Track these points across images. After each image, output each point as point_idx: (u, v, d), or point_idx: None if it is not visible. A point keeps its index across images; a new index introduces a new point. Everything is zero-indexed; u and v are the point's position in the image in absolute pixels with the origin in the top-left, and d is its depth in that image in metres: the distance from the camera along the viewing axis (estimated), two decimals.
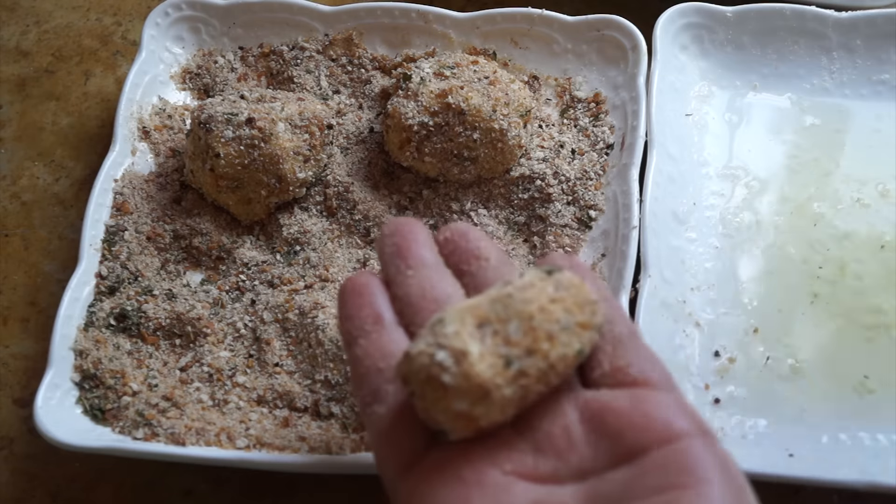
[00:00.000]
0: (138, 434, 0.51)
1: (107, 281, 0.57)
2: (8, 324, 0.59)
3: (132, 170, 0.61)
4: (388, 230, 0.41)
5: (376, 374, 0.37)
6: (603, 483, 0.32)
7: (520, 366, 0.33)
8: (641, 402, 0.33)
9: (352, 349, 0.38)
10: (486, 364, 0.33)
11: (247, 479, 0.53)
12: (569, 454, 0.33)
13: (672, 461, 0.31)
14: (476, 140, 0.57)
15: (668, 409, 0.33)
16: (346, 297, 0.40)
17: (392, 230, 0.41)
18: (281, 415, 0.52)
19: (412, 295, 0.39)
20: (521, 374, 0.33)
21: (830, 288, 0.56)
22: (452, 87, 0.57)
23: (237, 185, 0.57)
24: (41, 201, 0.64)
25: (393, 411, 0.36)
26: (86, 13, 0.72)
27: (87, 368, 0.53)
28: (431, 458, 0.34)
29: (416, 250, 0.40)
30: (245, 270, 0.58)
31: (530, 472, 0.33)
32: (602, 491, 0.32)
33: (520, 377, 0.33)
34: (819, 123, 0.62)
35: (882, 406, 0.51)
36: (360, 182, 0.60)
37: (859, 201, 0.59)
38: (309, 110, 0.59)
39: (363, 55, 0.65)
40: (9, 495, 0.54)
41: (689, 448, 0.31)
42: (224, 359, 0.54)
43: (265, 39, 0.66)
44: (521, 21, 0.64)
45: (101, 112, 0.67)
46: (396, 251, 0.40)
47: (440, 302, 0.38)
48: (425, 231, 0.41)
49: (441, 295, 0.38)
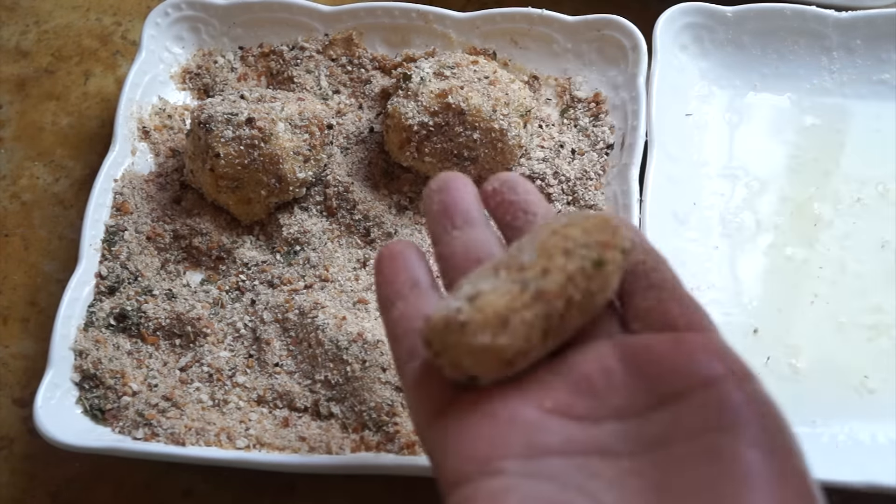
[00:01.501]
0: (138, 434, 0.51)
1: (107, 281, 0.57)
2: (8, 324, 0.59)
3: (132, 170, 0.61)
4: (436, 186, 0.40)
5: (412, 334, 0.36)
6: (641, 424, 0.31)
7: (536, 286, 0.32)
8: (683, 344, 0.33)
9: (389, 312, 0.38)
10: (500, 294, 0.32)
11: (247, 479, 0.53)
12: (606, 394, 0.32)
13: (712, 403, 0.31)
14: (476, 140, 0.57)
15: (709, 351, 0.32)
16: (383, 262, 0.39)
17: (439, 186, 0.40)
18: (281, 415, 0.52)
19: (457, 255, 0.38)
20: (540, 293, 0.32)
21: (830, 288, 0.56)
22: (452, 87, 0.57)
23: (237, 185, 0.57)
24: (41, 201, 0.64)
25: (425, 362, 0.35)
26: (86, 13, 0.72)
27: (87, 368, 0.53)
28: (462, 399, 0.33)
29: (462, 208, 0.39)
30: (245, 270, 0.58)
31: (565, 410, 0.32)
32: (639, 432, 0.31)
33: (539, 298, 0.32)
34: (819, 123, 0.62)
35: (882, 406, 0.51)
36: (360, 182, 0.60)
37: (859, 201, 0.59)
38: (309, 110, 0.59)
39: (363, 55, 0.65)
40: (9, 495, 0.54)
41: (731, 391, 0.31)
42: (224, 359, 0.54)
43: (265, 39, 0.66)
44: (521, 21, 0.64)
45: (100, 112, 0.67)
46: (443, 209, 0.39)
47: (483, 263, 0.37)
48: (472, 187, 0.40)
49: (487, 255, 0.38)
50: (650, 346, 0.33)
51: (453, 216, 0.39)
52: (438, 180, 0.40)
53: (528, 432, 0.31)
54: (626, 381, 0.32)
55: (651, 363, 0.32)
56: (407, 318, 0.37)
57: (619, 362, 0.33)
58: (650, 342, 0.33)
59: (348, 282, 0.57)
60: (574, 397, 0.32)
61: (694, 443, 0.30)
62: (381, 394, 0.51)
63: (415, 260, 0.39)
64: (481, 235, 0.39)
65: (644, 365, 0.32)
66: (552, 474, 0.30)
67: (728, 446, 0.29)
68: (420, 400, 0.35)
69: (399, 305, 0.37)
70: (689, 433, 0.30)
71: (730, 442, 0.29)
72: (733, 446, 0.29)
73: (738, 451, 0.29)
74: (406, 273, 0.38)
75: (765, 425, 0.30)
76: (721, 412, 0.30)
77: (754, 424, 0.30)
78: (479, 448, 0.31)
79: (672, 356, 0.32)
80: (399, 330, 0.37)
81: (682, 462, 0.30)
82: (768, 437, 0.30)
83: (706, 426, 0.30)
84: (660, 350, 0.33)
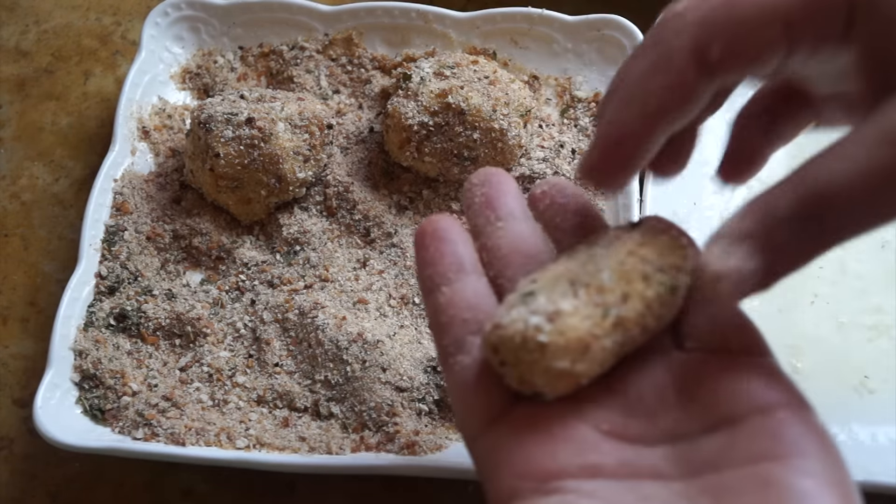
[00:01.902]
0: (138, 434, 0.51)
1: (106, 281, 0.57)
2: (8, 324, 0.59)
3: (132, 170, 0.61)
4: (478, 179, 0.39)
5: (461, 325, 0.35)
6: (693, 448, 0.31)
7: (617, 313, 0.32)
8: (738, 368, 0.32)
9: (433, 296, 0.36)
10: (581, 317, 0.32)
11: (247, 479, 0.53)
12: (659, 416, 0.32)
13: (767, 431, 0.30)
14: (476, 140, 0.57)
15: (764, 377, 0.32)
16: (426, 241, 0.37)
17: (482, 180, 0.39)
18: (281, 415, 0.52)
19: (502, 247, 0.37)
20: (620, 322, 0.32)
21: (830, 288, 0.56)
22: (452, 86, 0.57)
23: (237, 185, 0.57)
24: (41, 201, 0.64)
25: (479, 363, 0.34)
26: (85, 13, 0.72)
27: (87, 368, 0.53)
28: (518, 413, 0.33)
29: (506, 201, 0.38)
30: (245, 270, 0.58)
31: (619, 432, 0.32)
32: (692, 456, 0.31)
33: (618, 325, 0.32)
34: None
35: (882, 406, 0.51)
36: (360, 182, 0.60)
37: None
38: (309, 110, 0.59)
39: (363, 55, 0.65)
40: (9, 495, 0.54)
41: (786, 419, 0.30)
42: (224, 359, 0.54)
43: (265, 39, 0.66)
44: (521, 21, 0.64)
45: (100, 112, 0.67)
46: (486, 201, 0.38)
47: (531, 256, 0.37)
48: (513, 181, 0.40)
49: (532, 249, 0.37)
50: (705, 369, 0.32)
51: (497, 208, 0.38)
52: (480, 174, 0.39)
53: (584, 452, 0.31)
54: (680, 403, 0.32)
55: (705, 387, 0.32)
56: (454, 307, 0.35)
57: (672, 384, 0.32)
58: (705, 365, 0.32)
59: (348, 282, 0.57)
60: (627, 419, 0.32)
61: (747, 470, 0.29)
62: (381, 394, 0.51)
63: (459, 239, 0.37)
64: (527, 228, 0.38)
65: (698, 388, 0.32)
66: (607, 496, 0.30)
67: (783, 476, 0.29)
68: (474, 404, 0.34)
69: (445, 291, 0.36)
70: (742, 460, 0.30)
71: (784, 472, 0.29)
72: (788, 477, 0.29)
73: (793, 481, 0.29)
74: (452, 255, 0.36)
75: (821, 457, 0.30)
76: (776, 441, 0.30)
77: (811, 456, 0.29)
78: (536, 465, 0.31)
79: (727, 380, 0.31)
80: (444, 318, 0.36)
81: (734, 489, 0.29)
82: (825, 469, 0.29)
83: (760, 454, 0.30)
84: (715, 373, 0.32)
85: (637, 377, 0.33)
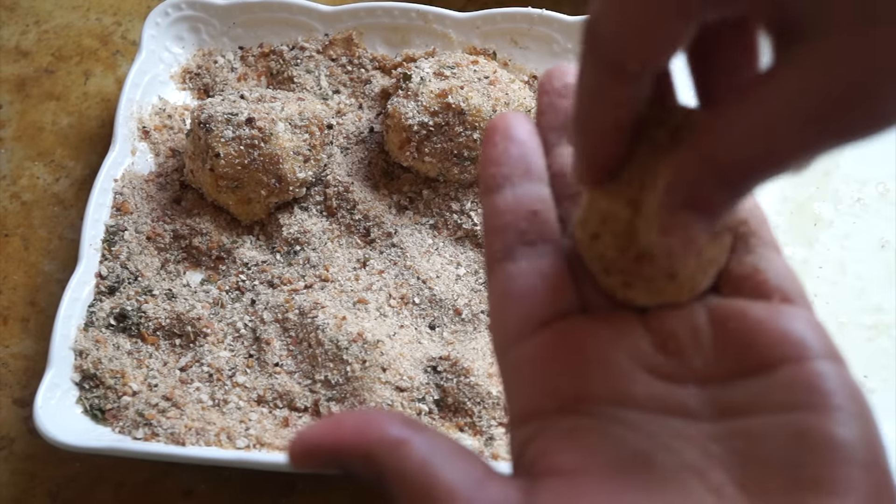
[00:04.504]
0: (138, 434, 0.51)
1: (107, 281, 0.57)
2: (8, 324, 0.59)
3: (132, 170, 0.61)
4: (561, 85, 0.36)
5: (515, 234, 0.33)
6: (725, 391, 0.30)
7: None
8: (777, 315, 0.31)
9: (492, 196, 0.34)
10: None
11: (247, 479, 0.53)
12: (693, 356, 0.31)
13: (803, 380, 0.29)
14: (476, 140, 0.57)
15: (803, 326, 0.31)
16: (496, 137, 0.35)
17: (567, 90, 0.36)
18: (281, 415, 0.52)
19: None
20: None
21: (830, 288, 0.56)
22: (452, 86, 0.57)
23: (237, 185, 0.57)
24: (41, 201, 0.64)
25: (527, 275, 0.32)
26: (86, 13, 0.72)
27: (87, 368, 0.53)
28: (554, 329, 0.32)
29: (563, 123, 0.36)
30: (245, 270, 0.58)
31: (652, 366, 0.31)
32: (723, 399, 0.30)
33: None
34: None
35: (882, 406, 0.51)
36: (360, 182, 0.60)
37: (859, 201, 0.59)
38: (309, 110, 0.59)
39: (363, 55, 0.65)
40: (9, 495, 0.54)
41: (822, 370, 0.30)
42: (224, 359, 0.54)
43: (265, 39, 0.66)
44: (521, 21, 0.64)
45: (101, 112, 0.67)
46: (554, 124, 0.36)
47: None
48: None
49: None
50: (744, 312, 0.31)
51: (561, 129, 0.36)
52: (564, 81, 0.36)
53: (616, 379, 0.30)
54: (715, 345, 0.31)
55: (742, 330, 0.31)
56: (513, 213, 0.33)
57: (708, 324, 0.32)
58: (744, 308, 0.32)
59: (348, 282, 0.57)
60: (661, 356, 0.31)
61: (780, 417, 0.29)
62: (381, 394, 0.51)
63: (531, 142, 0.35)
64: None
65: (735, 331, 0.31)
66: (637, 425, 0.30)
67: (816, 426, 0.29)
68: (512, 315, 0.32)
69: (506, 193, 0.33)
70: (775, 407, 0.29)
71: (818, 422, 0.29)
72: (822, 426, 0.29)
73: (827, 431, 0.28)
74: (520, 157, 0.34)
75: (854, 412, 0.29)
76: (811, 391, 0.29)
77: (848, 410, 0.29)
78: (566, 385, 0.30)
79: (766, 326, 0.31)
80: (500, 222, 0.33)
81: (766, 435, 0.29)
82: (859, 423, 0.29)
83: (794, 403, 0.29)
84: (754, 318, 0.31)
85: (673, 316, 0.32)
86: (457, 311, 0.56)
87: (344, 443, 0.29)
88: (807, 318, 0.32)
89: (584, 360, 0.31)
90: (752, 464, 0.29)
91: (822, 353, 0.31)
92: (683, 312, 0.32)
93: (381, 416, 0.30)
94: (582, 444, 0.29)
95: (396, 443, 0.29)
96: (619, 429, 0.29)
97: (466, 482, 0.28)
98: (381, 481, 0.29)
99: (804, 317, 0.32)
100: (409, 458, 0.28)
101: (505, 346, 0.33)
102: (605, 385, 0.30)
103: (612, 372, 0.31)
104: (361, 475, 0.29)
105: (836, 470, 0.28)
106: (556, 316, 0.32)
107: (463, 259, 0.58)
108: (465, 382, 0.52)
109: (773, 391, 0.30)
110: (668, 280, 0.32)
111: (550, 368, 0.31)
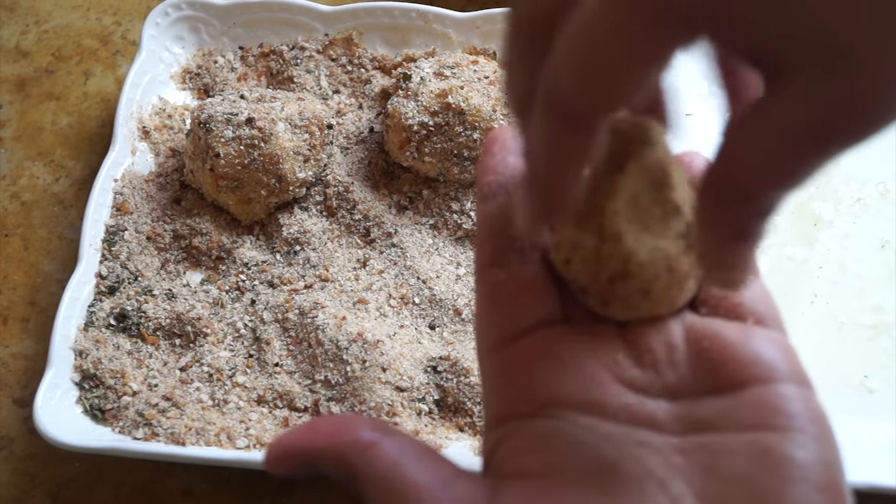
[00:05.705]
0: (138, 434, 0.51)
1: (107, 281, 0.57)
2: (8, 324, 0.59)
3: (132, 170, 0.61)
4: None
5: (505, 241, 0.34)
6: (694, 407, 0.31)
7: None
8: (749, 337, 0.33)
9: (486, 203, 0.35)
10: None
11: (247, 479, 0.53)
12: (666, 371, 0.32)
13: (769, 402, 0.31)
14: (476, 140, 0.57)
15: (773, 349, 0.33)
16: (494, 148, 0.36)
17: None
18: (281, 415, 0.52)
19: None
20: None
21: (830, 288, 0.56)
22: (452, 86, 0.57)
23: (237, 185, 0.57)
24: (41, 201, 0.64)
25: (515, 281, 0.34)
26: (86, 13, 0.72)
27: (87, 368, 0.53)
28: (535, 337, 0.33)
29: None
30: (245, 270, 0.58)
31: (627, 379, 0.32)
32: (692, 414, 0.31)
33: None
34: None
35: (882, 406, 0.51)
36: (360, 182, 0.60)
37: (859, 201, 0.59)
38: (309, 110, 0.59)
39: (363, 55, 0.65)
40: (9, 495, 0.54)
41: (787, 393, 0.31)
42: (224, 359, 0.54)
43: (265, 39, 0.66)
44: None
45: (100, 112, 0.67)
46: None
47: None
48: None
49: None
50: (717, 333, 0.33)
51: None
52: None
53: (590, 388, 0.31)
54: (688, 362, 0.32)
55: (715, 349, 0.32)
56: (504, 219, 0.35)
57: (684, 341, 0.33)
58: (718, 329, 0.33)
59: (348, 282, 0.57)
60: (636, 369, 0.32)
61: (745, 436, 0.30)
62: (381, 394, 0.51)
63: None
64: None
65: (708, 350, 0.32)
66: (606, 433, 0.31)
67: (777, 446, 0.30)
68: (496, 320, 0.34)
69: (500, 201, 0.35)
70: (741, 425, 0.30)
71: (779, 442, 0.30)
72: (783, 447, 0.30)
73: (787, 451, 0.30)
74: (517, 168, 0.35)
75: (817, 434, 0.31)
76: (775, 412, 0.30)
77: (810, 433, 0.30)
78: (540, 390, 0.31)
79: (737, 347, 0.32)
80: (492, 227, 0.35)
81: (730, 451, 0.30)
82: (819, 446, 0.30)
83: (758, 423, 0.30)
84: (727, 338, 0.32)
85: (651, 331, 0.33)
86: (457, 311, 0.56)
87: (318, 447, 0.30)
88: (778, 341, 0.33)
89: (561, 367, 0.32)
90: (713, 477, 0.29)
91: (790, 377, 0.32)
92: (661, 328, 0.33)
93: (353, 421, 0.31)
94: (550, 448, 0.30)
95: (367, 445, 0.30)
96: (588, 435, 0.30)
97: (434, 482, 0.29)
98: (354, 483, 0.30)
99: (776, 340, 0.33)
100: (379, 460, 0.29)
101: (488, 349, 0.34)
102: (580, 393, 0.31)
103: (587, 381, 0.32)
104: (336, 478, 0.30)
105: (793, 488, 0.29)
106: (539, 324, 0.33)
107: (463, 259, 0.58)
108: (465, 382, 0.52)
109: (739, 410, 0.31)
110: (643, 297, 0.32)
111: (528, 374, 0.32)
